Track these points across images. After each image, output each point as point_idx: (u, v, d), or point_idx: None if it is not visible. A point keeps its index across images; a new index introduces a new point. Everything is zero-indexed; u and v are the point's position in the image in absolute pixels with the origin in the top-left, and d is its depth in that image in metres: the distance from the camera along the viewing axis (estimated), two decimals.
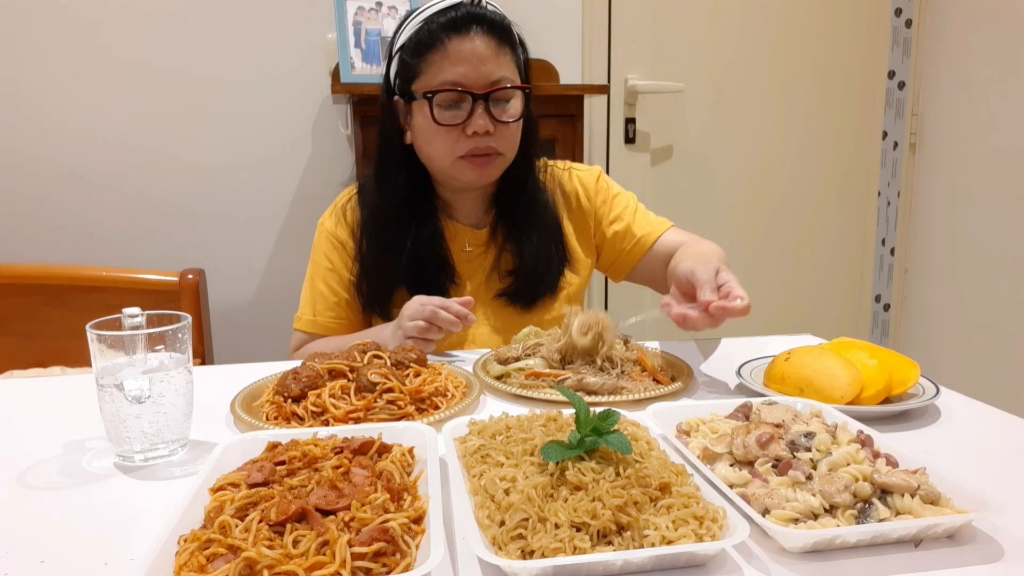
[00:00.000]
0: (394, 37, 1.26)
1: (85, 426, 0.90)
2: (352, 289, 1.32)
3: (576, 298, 1.38)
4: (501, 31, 1.21)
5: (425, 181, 1.31)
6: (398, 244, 1.27)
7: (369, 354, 0.98)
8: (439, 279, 1.29)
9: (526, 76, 1.28)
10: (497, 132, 1.22)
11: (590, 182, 1.41)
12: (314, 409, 0.89)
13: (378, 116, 1.30)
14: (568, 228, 1.38)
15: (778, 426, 0.75)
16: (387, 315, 1.29)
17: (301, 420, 0.88)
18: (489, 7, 1.23)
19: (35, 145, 2.17)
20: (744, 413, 0.83)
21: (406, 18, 1.25)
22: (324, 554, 0.54)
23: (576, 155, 2.15)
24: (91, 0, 2.12)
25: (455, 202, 1.34)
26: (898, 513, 0.64)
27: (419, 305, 1.13)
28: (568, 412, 0.77)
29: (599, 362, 1.04)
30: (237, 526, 0.58)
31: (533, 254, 1.30)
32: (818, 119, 2.82)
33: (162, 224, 2.28)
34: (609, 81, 2.57)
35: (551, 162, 1.41)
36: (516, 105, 1.24)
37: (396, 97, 1.27)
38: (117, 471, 0.79)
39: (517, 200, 1.33)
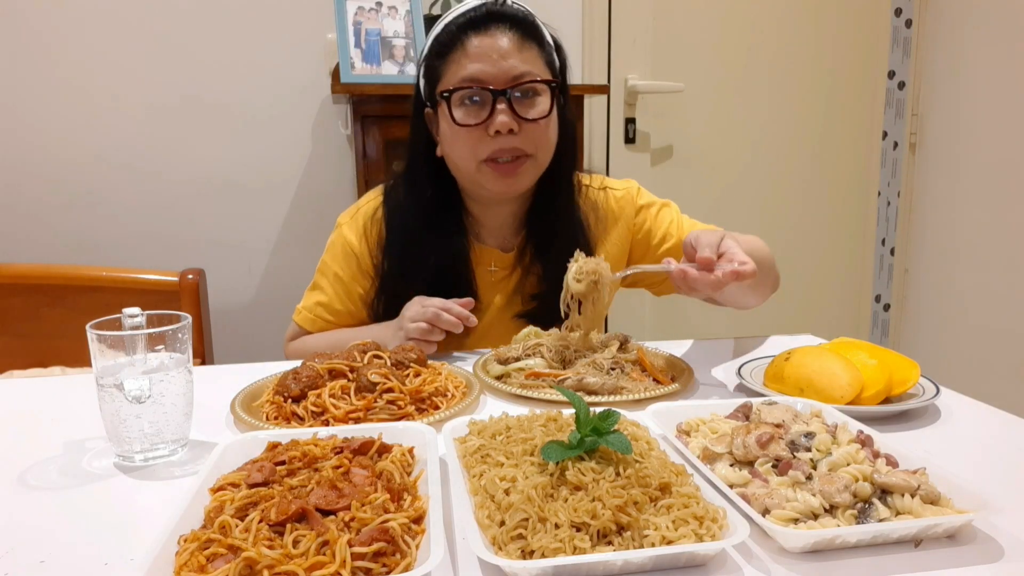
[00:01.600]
0: (424, 47, 1.22)
1: (85, 426, 0.90)
2: (358, 302, 1.29)
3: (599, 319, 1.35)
4: (524, 26, 1.16)
5: (454, 194, 1.26)
6: (421, 258, 1.23)
7: (369, 354, 0.98)
8: (460, 296, 1.22)
9: (563, 81, 1.21)
10: (523, 131, 1.14)
11: (628, 202, 1.34)
12: (314, 409, 0.89)
13: (379, 116, 1.30)
14: (600, 254, 1.30)
15: (778, 426, 0.75)
16: None
17: (301, 420, 0.88)
18: (514, 5, 1.18)
19: (35, 145, 2.17)
20: (744, 413, 0.83)
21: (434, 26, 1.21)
22: (324, 554, 0.54)
23: (576, 155, 2.15)
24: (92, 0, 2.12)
25: (485, 218, 1.28)
26: (898, 513, 0.64)
27: (420, 307, 1.13)
28: (568, 412, 0.77)
29: (605, 365, 1.04)
30: (237, 526, 0.58)
31: (558, 279, 1.23)
32: (818, 119, 2.82)
33: (162, 224, 2.27)
34: (609, 81, 2.56)
35: (585, 181, 1.33)
36: (544, 103, 1.16)
37: (427, 108, 1.22)
38: (117, 471, 0.79)
39: (550, 222, 1.26)
